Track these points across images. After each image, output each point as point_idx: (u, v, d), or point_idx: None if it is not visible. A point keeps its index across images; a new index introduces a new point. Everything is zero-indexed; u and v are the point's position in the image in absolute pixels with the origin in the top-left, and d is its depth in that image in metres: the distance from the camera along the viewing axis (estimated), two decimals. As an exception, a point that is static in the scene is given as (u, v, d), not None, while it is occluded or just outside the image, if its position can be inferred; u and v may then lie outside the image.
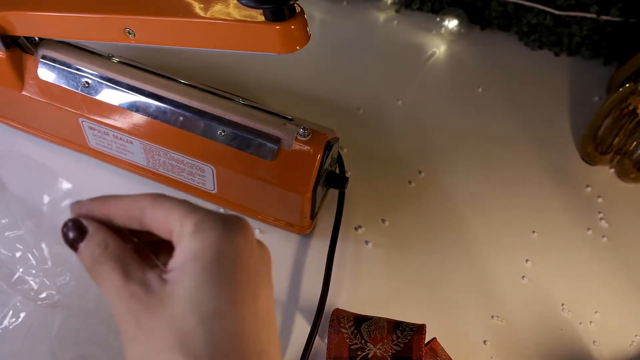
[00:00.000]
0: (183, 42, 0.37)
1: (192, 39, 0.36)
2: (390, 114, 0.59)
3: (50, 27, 0.40)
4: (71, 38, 0.41)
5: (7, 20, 0.40)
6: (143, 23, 0.36)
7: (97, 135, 0.45)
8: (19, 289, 0.37)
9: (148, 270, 0.24)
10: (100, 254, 0.24)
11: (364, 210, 0.50)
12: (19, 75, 0.45)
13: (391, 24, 0.68)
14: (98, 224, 0.25)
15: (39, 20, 0.39)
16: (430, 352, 0.39)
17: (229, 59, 0.60)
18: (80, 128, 0.45)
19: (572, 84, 0.63)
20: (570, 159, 0.57)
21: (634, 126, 0.51)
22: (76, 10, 0.38)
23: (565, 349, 0.44)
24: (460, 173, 0.54)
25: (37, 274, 0.38)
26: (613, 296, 0.47)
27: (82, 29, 0.39)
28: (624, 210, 0.53)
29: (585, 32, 0.62)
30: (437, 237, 0.49)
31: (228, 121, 0.41)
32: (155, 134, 0.43)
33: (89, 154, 0.49)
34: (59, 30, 0.40)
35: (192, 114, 0.41)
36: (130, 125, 0.43)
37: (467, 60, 0.65)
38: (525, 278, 0.47)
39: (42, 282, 0.38)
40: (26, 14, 0.39)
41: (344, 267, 0.46)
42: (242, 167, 0.42)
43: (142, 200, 0.25)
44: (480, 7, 0.65)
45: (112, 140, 0.45)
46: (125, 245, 0.25)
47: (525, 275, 0.48)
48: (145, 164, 0.46)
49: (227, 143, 0.41)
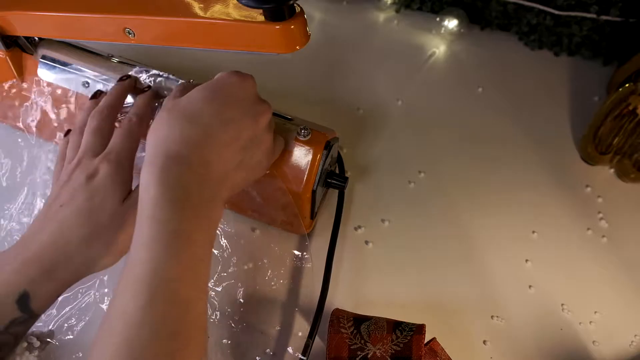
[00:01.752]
0: (183, 42, 0.37)
1: (192, 38, 0.36)
2: (390, 114, 0.59)
3: (51, 27, 0.40)
4: (71, 38, 0.42)
5: (7, 20, 0.40)
6: (143, 23, 0.36)
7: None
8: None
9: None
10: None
11: (364, 210, 0.50)
12: (18, 74, 0.45)
13: (391, 24, 0.68)
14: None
15: (39, 20, 0.39)
16: (430, 352, 0.39)
17: (229, 58, 0.59)
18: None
19: (572, 84, 0.63)
20: (570, 159, 0.57)
21: (634, 126, 0.51)
22: (76, 10, 0.38)
23: (565, 349, 0.44)
24: (460, 173, 0.54)
25: None
26: (613, 296, 0.47)
27: (82, 29, 0.39)
28: (624, 210, 0.53)
29: (585, 32, 0.62)
30: (437, 237, 0.49)
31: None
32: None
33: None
34: (59, 30, 0.40)
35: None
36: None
37: (467, 60, 0.65)
38: (525, 278, 0.47)
39: None
40: (27, 13, 0.39)
41: (344, 267, 0.46)
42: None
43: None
44: (480, 7, 0.65)
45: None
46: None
47: (525, 275, 0.48)
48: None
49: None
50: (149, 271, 0.26)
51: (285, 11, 0.32)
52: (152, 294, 0.26)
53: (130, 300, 0.26)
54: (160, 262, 0.27)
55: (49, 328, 0.40)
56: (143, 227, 0.28)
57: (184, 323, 0.26)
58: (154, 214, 0.28)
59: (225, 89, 0.33)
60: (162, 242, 0.27)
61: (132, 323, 0.25)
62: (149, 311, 0.25)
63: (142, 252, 0.27)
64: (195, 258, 0.28)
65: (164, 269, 0.26)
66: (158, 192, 0.28)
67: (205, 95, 0.33)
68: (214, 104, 0.32)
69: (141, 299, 0.26)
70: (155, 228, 0.27)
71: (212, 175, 0.31)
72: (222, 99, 0.33)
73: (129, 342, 0.25)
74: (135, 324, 0.25)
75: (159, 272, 0.26)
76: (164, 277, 0.26)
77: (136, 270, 0.27)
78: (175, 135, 0.31)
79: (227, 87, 0.34)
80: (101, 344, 0.26)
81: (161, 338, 0.25)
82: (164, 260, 0.27)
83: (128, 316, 0.25)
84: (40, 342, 0.38)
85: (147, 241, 0.27)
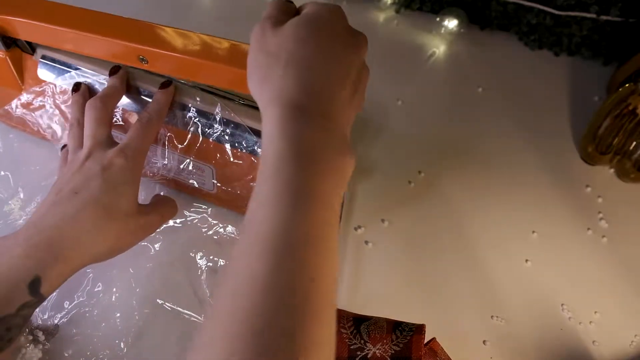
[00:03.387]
0: (195, 78, 0.39)
1: (204, 77, 0.39)
2: (390, 114, 0.58)
3: (63, 41, 0.41)
4: (81, 53, 0.42)
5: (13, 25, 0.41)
6: (159, 56, 0.38)
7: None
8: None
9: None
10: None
11: (364, 210, 0.50)
12: (18, 75, 0.45)
13: (391, 24, 0.68)
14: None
15: (51, 33, 0.40)
16: (429, 352, 0.39)
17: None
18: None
19: (572, 84, 0.63)
20: (570, 159, 0.57)
21: (633, 126, 0.51)
22: (94, 31, 0.39)
23: (565, 349, 0.44)
24: (460, 173, 0.54)
25: None
26: (613, 296, 0.47)
27: (96, 48, 0.40)
28: (624, 210, 0.53)
29: (585, 32, 0.62)
30: (437, 237, 0.49)
31: (228, 121, 0.41)
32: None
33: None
34: (72, 44, 0.41)
35: (191, 113, 0.41)
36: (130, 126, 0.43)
37: (467, 60, 0.65)
38: (525, 278, 0.47)
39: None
40: (43, 25, 0.40)
41: (344, 267, 0.46)
42: (242, 167, 0.42)
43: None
44: (480, 7, 0.65)
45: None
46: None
47: (525, 275, 0.48)
48: (145, 163, 0.46)
49: (226, 143, 0.41)
50: (276, 234, 0.24)
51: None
52: (278, 260, 0.23)
53: (256, 262, 0.24)
54: (287, 223, 0.24)
55: (54, 322, 0.41)
56: (268, 182, 0.25)
57: (310, 295, 0.23)
58: (280, 168, 0.26)
59: (324, 26, 0.31)
60: (288, 200, 0.25)
61: (259, 289, 0.23)
62: (276, 278, 0.23)
63: (267, 210, 0.25)
64: (325, 222, 0.25)
65: (291, 233, 0.24)
66: (283, 145, 0.26)
67: (307, 33, 0.30)
68: (320, 43, 0.30)
69: (268, 264, 0.23)
70: (281, 184, 0.25)
71: (336, 120, 0.29)
72: (324, 37, 0.31)
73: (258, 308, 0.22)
74: (262, 290, 0.23)
75: (286, 236, 0.24)
76: (290, 242, 0.24)
77: (261, 228, 0.24)
78: (289, 83, 0.29)
79: (325, 23, 0.31)
80: (226, 305, 0.24)
81: (288, 307, 0.23)
82: (291, 221, 0.24)
83: (254, 280, 0.23)
84: (45, 336, 0.39)
85: (272, 198, 0.25)
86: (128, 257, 0.39)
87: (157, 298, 0.43)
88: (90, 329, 0.41)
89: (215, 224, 0.46)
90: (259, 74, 0.31)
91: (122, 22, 0.39)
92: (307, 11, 0.32)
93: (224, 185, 0.44)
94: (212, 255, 0.45)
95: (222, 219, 0.46)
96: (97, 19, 0.40)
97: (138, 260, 0.44)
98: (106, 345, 0.40)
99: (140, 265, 0.44)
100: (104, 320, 0.41)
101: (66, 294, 0.42)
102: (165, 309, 0.42)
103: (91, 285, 0.43)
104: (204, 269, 0.44)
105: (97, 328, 0.41)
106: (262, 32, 0.32)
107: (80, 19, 0.39)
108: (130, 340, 0.41)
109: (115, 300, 0.42)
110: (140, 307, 0.42)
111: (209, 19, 0.65)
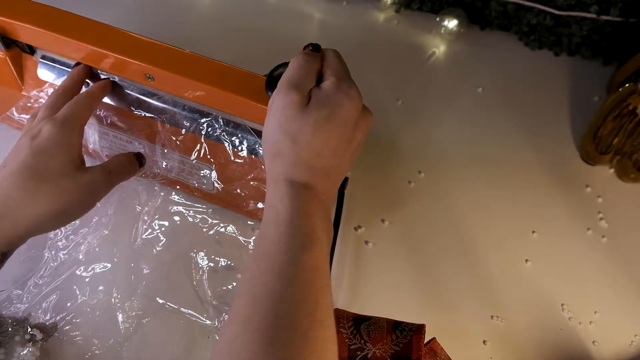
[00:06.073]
0: (200, 100, 0.40)
1: (208, 100, 0.40)
2: (390, 114, 0.59)
3: (69, 51, 0.41)
4: (87, 64, 0.42)
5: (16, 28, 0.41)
6: (166, 76, 0.38)
7: (96, 136, 0.45)
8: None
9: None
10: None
11: (364, 210, 0.50)
12: (18, 75, 0.45)
13: (391, 24, 0.68)
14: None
15: (59, 42, 0.40)
16: (429, 352, 0.39)
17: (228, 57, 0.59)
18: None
19: (572, 84, 0.63)
20: (570, 159, 0.57)
21: (633, 126, 0.51)
22: (103, 46, 0.39)
23: (565, 349, 0.44)
24: (460, 173, 0.54)
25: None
26: (613, 296, 0.47)
27: (104, 63, 0.40)
28: (624, 210, 0.53)
29: (585, 32, 0.62)
30: (437, 237, 0.49)
31: (228, 121, 0.41)
32: (155, 134, 0.43)
33: (87, 154, 0.48)
34: (78, 54, 0.41)
35: (192, 114, 0.41)
36: (130, 126, 0.43)
37: (467, 60, 0.65)
38: (525, 278, 0.47)
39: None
40: (52, 34, 0.39)
41: (344, 267, 0.46)
42: (242, 167, 0.42)
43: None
44: (480, 7, 0.65)
45: (112, 141, 0.45)
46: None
47: (525, 275, 0.48)
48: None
49: (227, 143, 0.41)
50: (288, 262, 0.30)
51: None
52: (290, 279, 0.29)
53: (273, 278, 0.29)
54: (297, 254, 0.30)
55: (51, 321, 0.41)
56: (280, 227, 0.31)
57: (318, 305, 0.29)
58: (291, 219, 0.31)
59: (341, 116, 0.33)
60: (298, 241, 0.31)
61: (275, 299, 0.28)
62: (290, 290, 0.29)
63: (281, 246, 0.31)
64: (323, 252, 0.32)
65: (301, 261, 0.30)
66: (292, 205, 0.32)
67: (326, 126, 0.32)
68: (335, 134, 0.33)
69: (282, 281, 0.29)
70: (292, 229, 0.31)
71: (333, 192, 0.35)
72: (341, 126, 0.33)
73: (273, 314, 0.28)
74: (278, 300, 0.28)
75: (298, 263, 0.30)
76: (301, 266, 0.30)
77: (277, 257, 0.30)
78: (301, 169, 0.33)
79: (344, 113, 0.33)
80: (246, 308, 0.29)
81: (301, 314, 0.28)
82: (301, 252, 0.30)
83: (271, 291, 0.29)
84: (42, 334, 0.39)
85: (285, 239, 0.31)
86: (129, 257, 0.39)
87: (158, 298, 0.43)
88: (91, 329, 0.41)
89: (215, 224, 0.46)
90: (274, 149, 0.33)
91: (132, 40, 0.39)
92: (328, 93, 0.33)
93: (225, 185, 0.44)
94: (213, 255, 0.45)
95: (222, 218, 0.46)
96: (106, 34, 0.39)
97: (139, 260, 0.44)
98: (106, 345, 0.40)
99: (141, 265, 0.44)
100: (105, 320, 0.41)
101: (67, 294, 0.42)
102: (167, 309, 0.42)
103: (92, 286, 0.43)
104: (205, 268, 0.44)
105: (97, 328, 0.41)
106: (284, 109, 0.32)
107: (91, 32, 0.39)
108: (130, 340, 0.41)
109: (115, 300, 0.42)
110: (141, 307, 0.42)
111: (207, 21, 0.65)
